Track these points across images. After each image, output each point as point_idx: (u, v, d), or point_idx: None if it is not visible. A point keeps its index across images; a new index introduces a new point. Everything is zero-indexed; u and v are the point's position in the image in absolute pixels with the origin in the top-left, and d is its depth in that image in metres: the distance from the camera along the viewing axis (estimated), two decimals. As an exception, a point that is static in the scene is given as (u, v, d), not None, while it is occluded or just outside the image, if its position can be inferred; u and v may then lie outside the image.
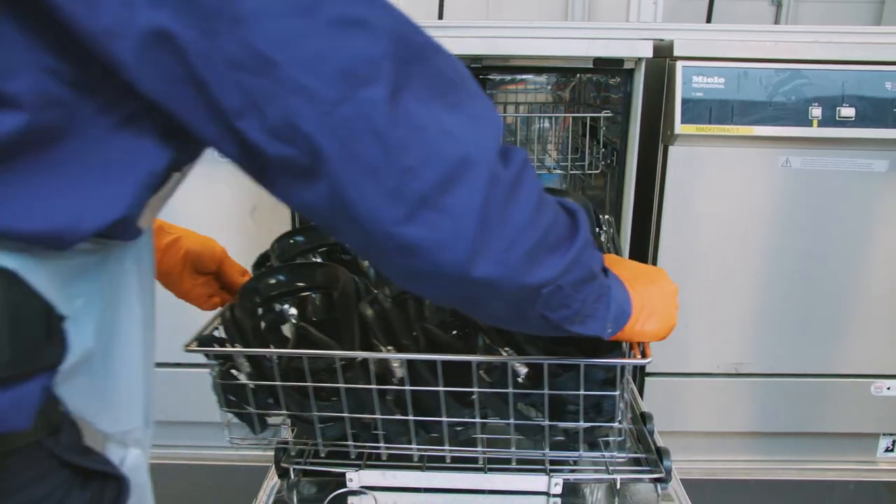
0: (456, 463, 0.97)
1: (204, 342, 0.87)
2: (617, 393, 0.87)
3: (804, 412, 1.44)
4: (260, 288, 0.99)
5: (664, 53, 1.27)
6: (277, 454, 1.00)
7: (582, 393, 0.84)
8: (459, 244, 0.51)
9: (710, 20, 2.68)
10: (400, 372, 0.85)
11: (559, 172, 1.70)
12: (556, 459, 0.97)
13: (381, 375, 0.86)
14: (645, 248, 1.39)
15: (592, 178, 1.63)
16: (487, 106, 0.53)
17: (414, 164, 0.48)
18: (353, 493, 0.97)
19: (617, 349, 0.86)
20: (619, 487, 1.00)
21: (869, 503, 1.47)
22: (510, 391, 0.84)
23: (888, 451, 1.49)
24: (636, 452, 1.04)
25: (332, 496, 0.97)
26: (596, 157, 1.49)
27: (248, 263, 1.03)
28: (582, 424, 0.88)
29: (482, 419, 0.90)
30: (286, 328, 1.00)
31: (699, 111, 1.23)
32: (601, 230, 1.14)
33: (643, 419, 1.06)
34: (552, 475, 0.98)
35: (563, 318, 0.65)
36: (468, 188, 0.50)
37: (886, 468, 1.49)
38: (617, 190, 1.45)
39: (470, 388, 0.86)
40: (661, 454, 1.00)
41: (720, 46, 1.24)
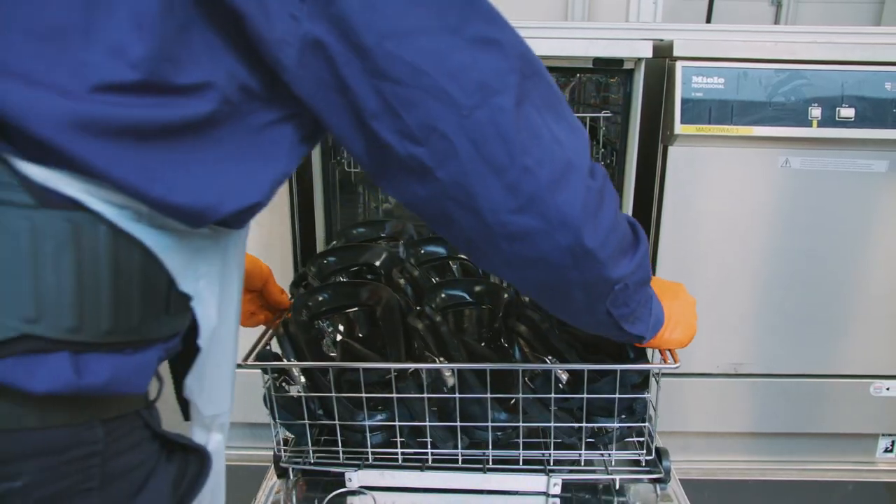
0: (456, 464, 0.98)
1: (262, 357, 0.92)
2: (648, 395, 0.96)
3: (803, 412, 1.44)
4: (311, 304, 1.06)
5: (664, 53, 1.27)
6: (277, 453, 1.00)
7: (617, 396, 0.91)
8: (563, 234, 0.60)
9: (709, 20, 2.69)
10: (451, 381, 0.90)
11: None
12: (555, 459, 0.98)
13: (430, 384, 0.91)
14: (644, 248, 1.39)
15: (592, 178, 1.63)
16: (577, 120, 0.63)
17: (531, 164, 0.56)
18: (352, 493, 0.97)
19: (643, 357, 0.96)
20: (618, 487, 1.01)
21: (868, 503, 1.47)
22: (552, 395, 0.91)
23: (887, 451, 1.49)
24: (635, 453, 1.04)
25: (331, 496, 0.97)
26: (595, 157, 1.49)
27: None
28: (616, 425, 0.94)
29: (517, 422, 0.94)
30: (324, 343, 1.06)
31: (699, 111, 1.23)
32: None
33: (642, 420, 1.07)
34: (551, 475, 0.98)
35: (621, 315, 0.74)
36: (572, 187, 0.59)
37: (885, 468, 1.49)
38: (616, 190, 1.45)
39: (509, 393, 0.93)
40: (660, 455, 1.01)
41: (720, 47, 1.24)
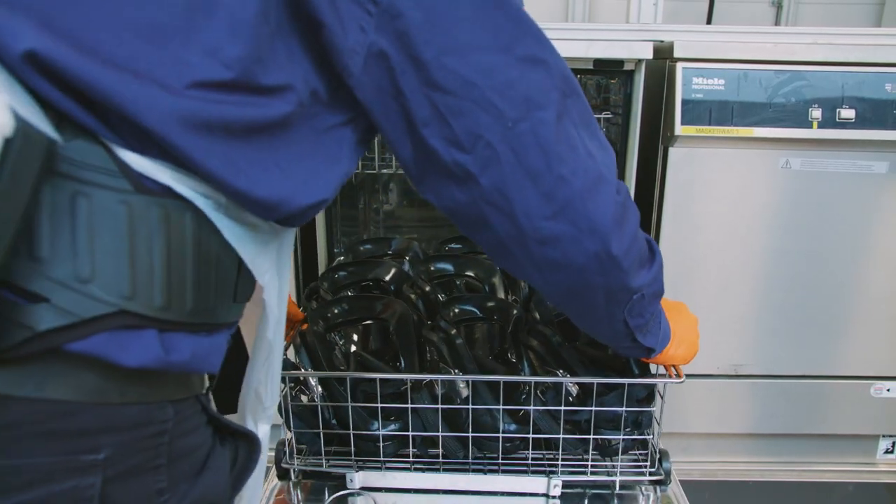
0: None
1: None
2: (654, 409, 0.99)
3: (804, 413, 1.44)
4: (329, 316, 1.10)
5: (664, 55, 1.27)
6: (278, 454, 1.01)
7: (624, 409, 0.95)
8: (591, 240, 0.65)
9: (710, 21, 2.69)
10: (465, 392, 0.93)
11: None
12: (553, 460, 1.00)
13: (443, 395, 0.94)
14: (645, 249, 1.39)
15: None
16: (606, 139, 0.68)
17: (566, 174, 0.61)
18: (353, 494, 0.97)
19: (647, 373, 0.99)
20: (618, 489, 1.01)
21: (868, 504, 1.47)
22: (562, 408, 0.94)
23: (888, 452, 1.49)
24: (636, 455, 1.05)
25: (332, 497, 0.97)
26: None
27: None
28: (621, 437, 0.98)
29: (526, 433, 0.97)
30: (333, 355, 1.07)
31: (699, 112, 1.23)
32: None
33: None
34: (551, 476, 0.98)
35: (637, 325, 0.78)
36: (602, 198, 0.64)
37: (886, 469, 1.49)
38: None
39: (517, 405, 0.96)
40: (660, 456, 1.01)
41: (720, 48, 1.24)
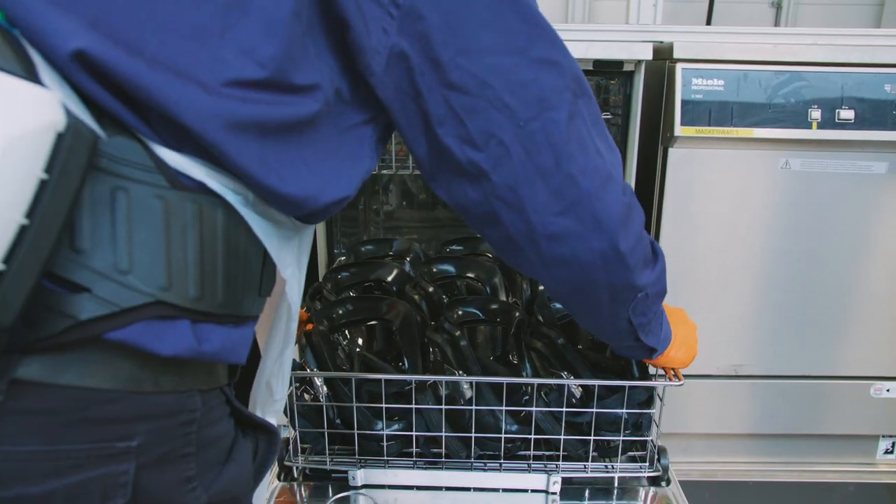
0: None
1: None
2: (654, 411, 1.01)
3: (804, 414, 1.44)
4: (333, 316, 1.10)
5: (664, 55, 1.27)
6: (281, 453, 1.01)
7: (625, 411, 0.97)
8: (598, 237, 0.66)
9: (709, 22, 2.69)
10: (469, 393, 0.95)
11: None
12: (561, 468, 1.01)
13: (447, 395, 0.96)
14: (644, 249, 1.39)
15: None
16: (612, 140, 0.69)
17: (576, 172, 0.63)
18: (355, 495, 0.98)
19: (647, 377, 1.02)
20: (616, 484, 1.02)
21: (868, 505, 1.47)
22: (564, 409, 0.96)
23: (887, 452, 1.49)
24: (634, 454, 1.06)
25: (334, 498, 0.97)
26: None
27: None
28: (622, 438, 1.00)
29: (528, 433, 0.98)
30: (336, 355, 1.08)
31: (699, 113, 1.24)
32: None
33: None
34: (551, 473, 0.99)
35: (640, 324, 0.79)
36: (610, 196, 0.66)
37: (886, 470, 1.49)
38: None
39: (515, 406, 0.98)
40: (658, 452, 1.02)
41: (720, 48, 1.24)
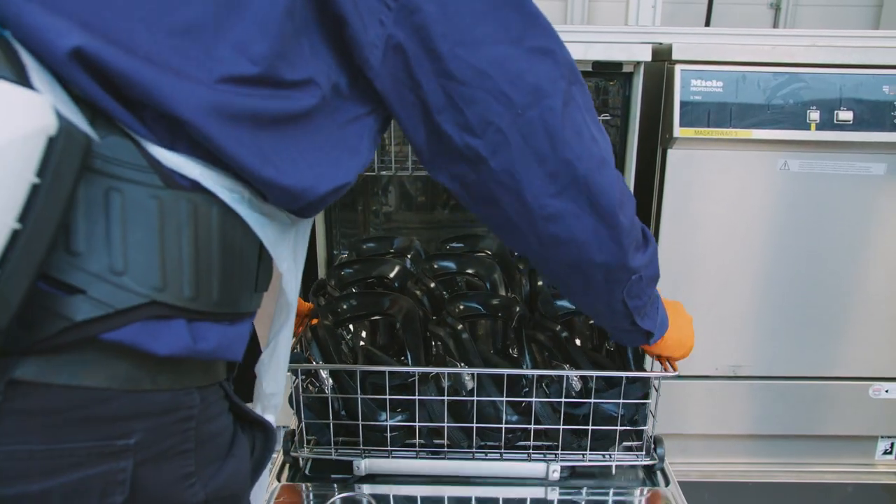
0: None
1: (294, 359, 0.97)
2: (650, 402, 1.03)
3: (802, 414, 1.44)
4: (338, 311, 1.13)
5: (663, 57, 1.27)
6: (286, 444, 1.02)
7: (622, 401, 1.00)
8: (593, 218, 0.68)
9: (708, 24, 2.70)
10: (470, 384, 0.97)
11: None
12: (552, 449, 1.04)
13: (449, 387, 0.98)
14: (644, 250, 1.40)
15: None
16: (603, 127, 0.71)
17: (571, 156, 0.65)
18: (354, 498, 0.98)
19: (643, 370, 1.05)
20: (614, 473, 1.06)
21: (867, 505, 1.47)
22: (563, 400, 0.99)
23: (886, 453, 1.49)
24: (630, 444, 1.08)
25: (334, 499, 0.98)
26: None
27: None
28: (619, 428, 1.02)
29: (528, 424, 1.00)
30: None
31: (697, 114, 1.24)
32: None
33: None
34: (550, 462, 1.01)
35: (635, 307, 0.81)
36: (605, 179, 0.68)
37: (885, 470, 1.49)
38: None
39: (516, 398, 0.99)
40: (654, 442, 1.04)
41: (718, 50, 1.25)
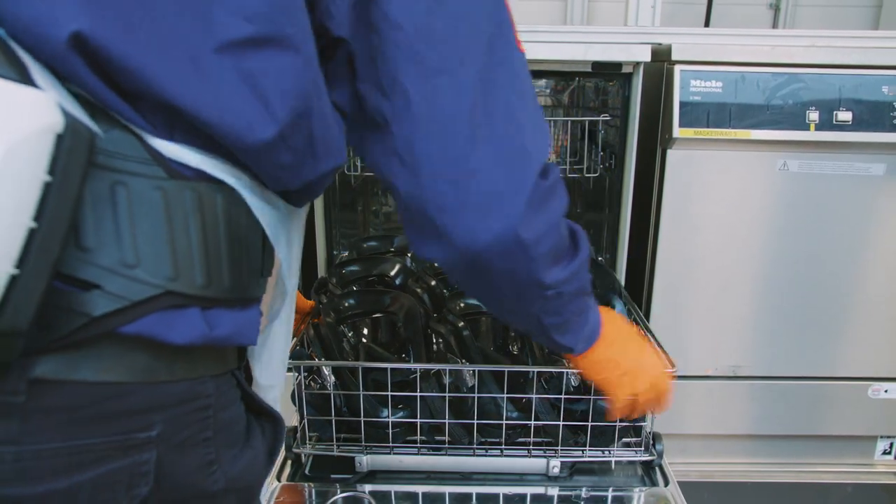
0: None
1: (296, 356, 0.99)
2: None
3: (802, 415, 1.44)
4: (341, 309, 1.13)
5: (662, 57, 1.28)
6: (288, 440, 1.02)
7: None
8: (497, 217, 0.59)
9: (707, 24, 2.70)
10: (471, 381, 0.96)
11: (558, 175, 1.69)
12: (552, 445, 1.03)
13: (450, 384, 0.97)
14: (643, 250, 1.40)
15: (591, 181, 1.64)
16: (544, 121, 0.64)
17: (479, 138, 0.58)
18: (355, 497, 0.99)
19: None
20: (613, 468, 1.06)
21: (866, 506, 1.47)
22: (562, 396, 0.98)
23: (886, 453, 1.49)
24: (629, 440, 1.08)
25: (335, 498, 0.98)
26: (595, 160, 1.50)
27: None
28: (618, 424, 1.00)
29: (528, 420, 0.99)
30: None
31: (697, 115, 1.24)
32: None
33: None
34: (550, 458, 1.01)
35: (551, 324, 0.72)
36: (519, 174, 0.60)
37: (884, 470, 1.49)
38: (616, 193, 1.46)
39: (516, 394, 0.99)
40: (653, 439, 1.04)
41: (718, 50, 1.25)
